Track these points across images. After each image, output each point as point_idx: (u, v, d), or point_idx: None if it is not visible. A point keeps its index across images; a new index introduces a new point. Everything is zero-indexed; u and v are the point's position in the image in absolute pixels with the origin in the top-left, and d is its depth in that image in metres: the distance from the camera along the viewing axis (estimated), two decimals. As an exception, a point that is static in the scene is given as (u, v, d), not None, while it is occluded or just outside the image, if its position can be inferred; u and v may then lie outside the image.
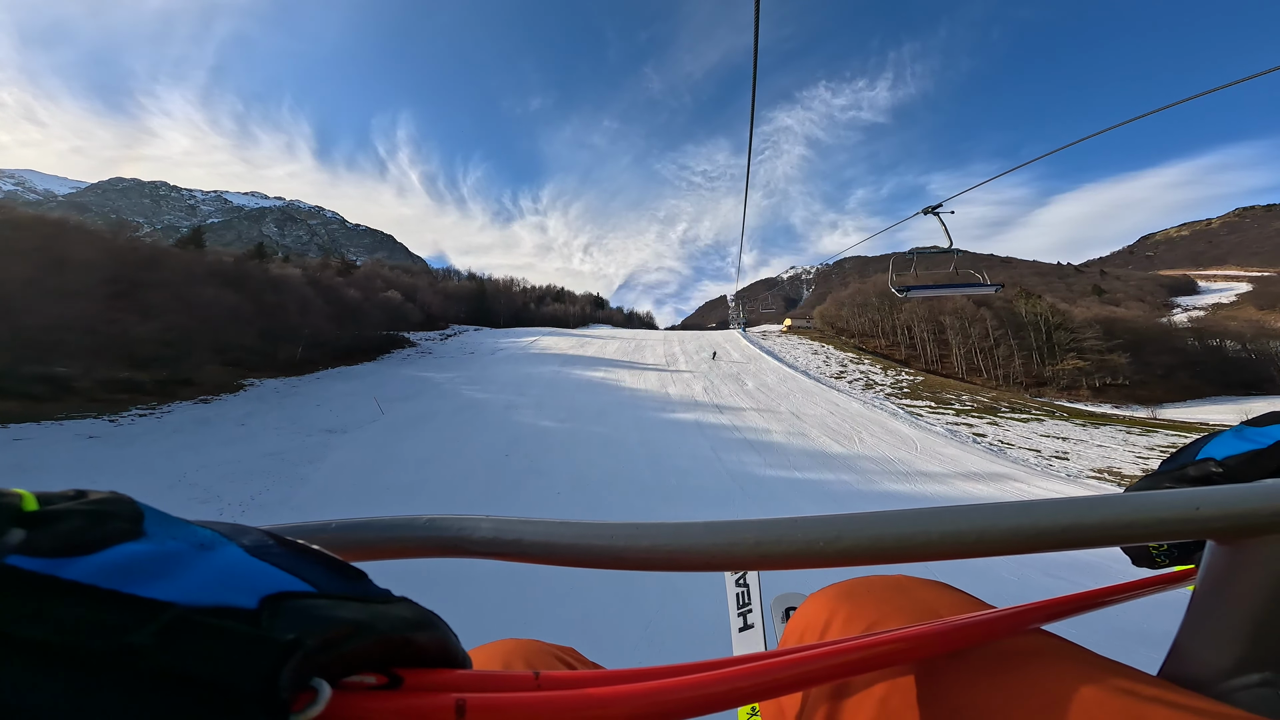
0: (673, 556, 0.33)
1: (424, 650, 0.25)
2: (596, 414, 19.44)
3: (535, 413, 19.45)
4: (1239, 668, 0.35)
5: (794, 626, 0.59)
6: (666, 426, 17.72)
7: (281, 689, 0.16)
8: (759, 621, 1.24)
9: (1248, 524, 0.33)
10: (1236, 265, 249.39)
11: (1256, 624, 0.34)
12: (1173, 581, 0.53)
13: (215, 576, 0.18)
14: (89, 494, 0.19)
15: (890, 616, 0.48)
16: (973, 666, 0.37)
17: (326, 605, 0.21)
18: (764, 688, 0.31)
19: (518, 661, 0.53)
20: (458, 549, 0.36)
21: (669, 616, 4.31)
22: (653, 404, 21.90)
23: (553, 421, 18.04)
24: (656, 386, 25.54)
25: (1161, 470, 0.52)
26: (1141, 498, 0.33)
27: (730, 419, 19.73)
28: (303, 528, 0.34)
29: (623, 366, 31.17)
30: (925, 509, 0.33)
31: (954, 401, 26.83)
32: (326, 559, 0.24)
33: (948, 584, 0.53)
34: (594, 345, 40.35)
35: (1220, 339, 57.49)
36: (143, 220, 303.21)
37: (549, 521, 0.35)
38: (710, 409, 21.32)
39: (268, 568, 0.21)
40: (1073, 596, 0.47)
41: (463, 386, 23.93)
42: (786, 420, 20.06)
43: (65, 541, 0.16)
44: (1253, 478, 0.43)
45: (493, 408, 19.87)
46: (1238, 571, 0.35)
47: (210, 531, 0.21)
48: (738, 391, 24.74)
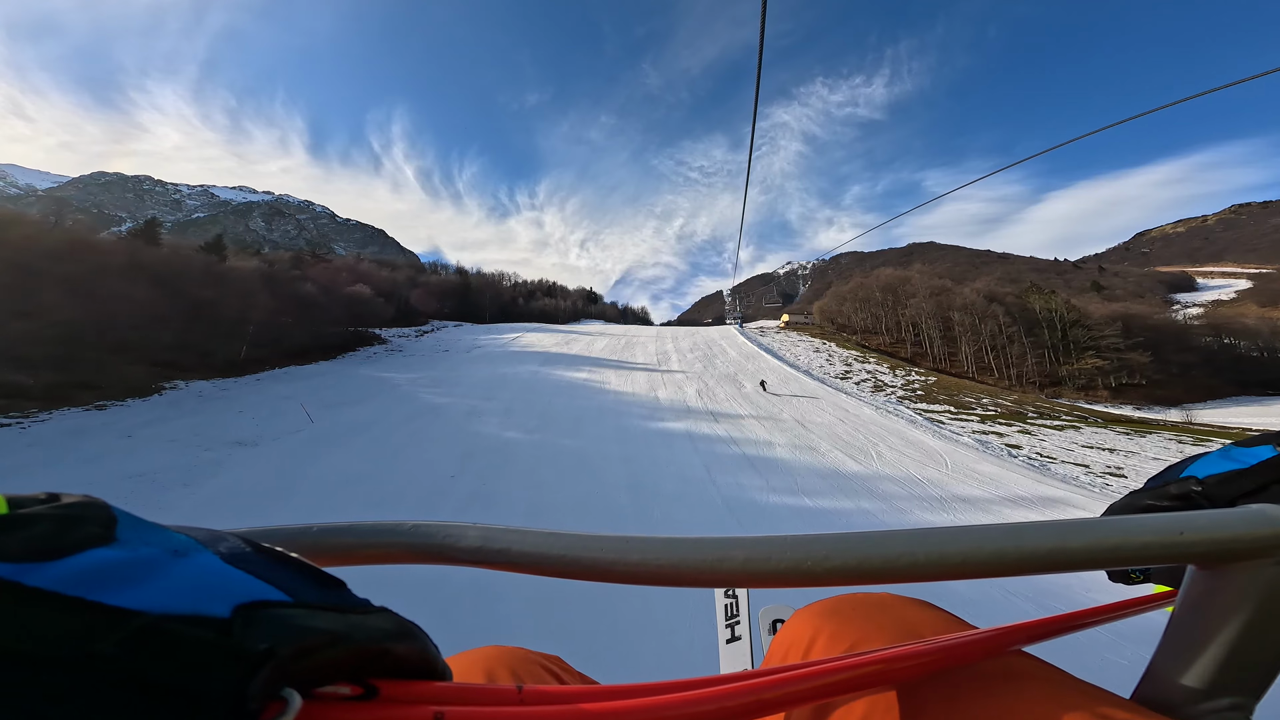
0: (661, 571, 0.33)
1: (402, 661, 0.24)
2: (573, 423, 16.67)
3: (501, 421, 16.63)
4: (1210, 692, 0.35)
5: (779, 642, 0.59)
6: (653, 438, 14.98)
7: (250, 698, 0.16)
8: (746, 634, 1.28)
9: (1229, 549, 0.33)
10: (1234, 262, 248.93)
11: (1230, 648, 0.35)
12: (1152, 603, 0.52)
13: (188, 584, 0.18)
14: (61, 497, 0.19)
15: (873, 635, 0.49)
16: (953, 687, 0.38)
17: (302, 614, 0.20)
18: (751, 707, 0.31)
19: (501, 670, 0.51)
20: (442, 556, 0.35)
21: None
22: (639, 410, 19.09)
23: (520, 432, 15.28)
24: (645, 389, 22.69)
25: (1145, 488, 0.52)
26: (1127, 522, 0.33)
27: (727, 428, 16.95)
28: (281, 531, 0.34)
29: (609, 366, 28.34)
30: (913, 530, 0.33)
31: (974, 405, 24.21)
32: (304, 567, 0.24)
33: (930, 603, 0.54)
34: (581, 342, 37.50)
35: (1233, 337, 55.31)
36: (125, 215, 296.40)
37: (538, 532, 0.35)
38: (704, 416, 18.51)
39: (243, 575, 0.20)
40: (1054, 618, 0.47)
41: (423, 389, 21.07)
42: (791, 430, 17.32)
43: (33, 546, 0.16)
44: (1229, 497, 0.44)
45: (452, 414, 17.07)
46: (1216, 596, 0.35)
47: (186, 538, 0.20)
48: (735, 395, 21.94)
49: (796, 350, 38.50)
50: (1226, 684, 0.35)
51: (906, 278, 52.39)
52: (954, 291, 48.59)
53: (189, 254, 30.89)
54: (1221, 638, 0.35)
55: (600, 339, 40.01)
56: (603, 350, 33.83)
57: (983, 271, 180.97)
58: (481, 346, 34.73)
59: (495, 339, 38.95)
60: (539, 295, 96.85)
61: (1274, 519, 0.33)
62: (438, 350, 33.32)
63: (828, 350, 39.31)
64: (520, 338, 39.46)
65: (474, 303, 66.10)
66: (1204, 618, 0.36)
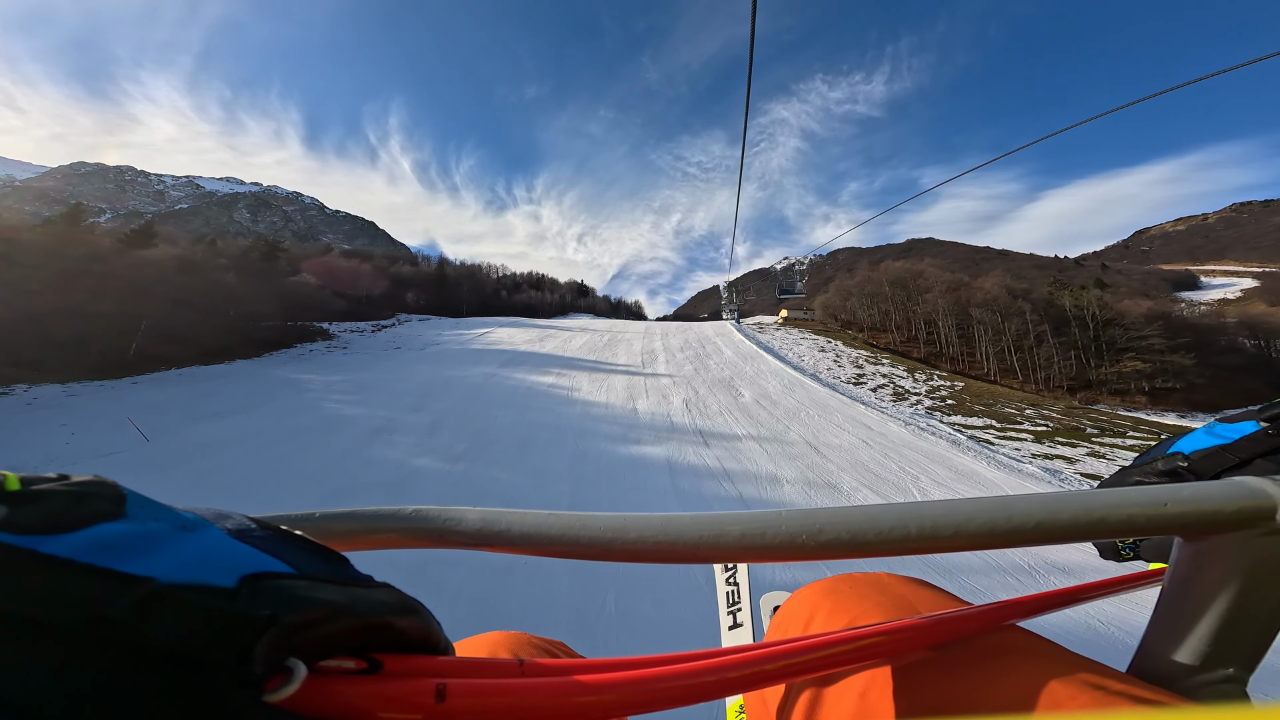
0: (659, 548, 0.34)
1: (405, 636, 0.25)
2: (516, 447, 12.37)
3: (417, 442, 12.29)
4: (1205, 664, 0.36)
5: (779, 620, 0.60)
6: (621, 472, 10.66)
7: (255, 664, 0.17)
8: (748, 620, 1.30)
9: (1213, 521, 0.33)
10: (1236, 260, 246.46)
11: (1221, 620, 0.35)
12: (1145, 579, 0.53)
13: (195, 556, 0.19)
14: (71, 477, 0.19)
15: (871, 612, 0.50)
16: (950, 661, 0.39)
17: (305, 586, 0.21)
18: (751, 679, 0.31)
19: (503, 652, 0.52)
20: (444, 539, 0.36)
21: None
22: (609, 428, 14.76)
23: (438, 459, 11.00)
24: (622, 399, 18.33)
25: (1133, 465, 0.53)
26: (1112, 494, 0.34)
27: (719, 456, 12.62)
28: (284, 517, 0.35)
29: (583, 368, 23.96)
30: (905, 504, 0.34)
31: (1018, 417, 20.01)
32: (308, 543, 0.24)
33: (927, 581, 0.55)
34: (557, 339, 33.11)
35: (1264, 337, 51.54)
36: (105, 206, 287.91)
37: (536, 513, 0.36)
38: (691, 437, 14.18)
39: (248, 549, 0.21)
40: (1048, 594, 0.48)
41: (335, 396, 16.73)
42: (802, 457, 12.99)
43: (47, 520, 0.16)
44: (1215, 472, 0.44)
45: (353, 431, 12.74)
46: (1204, 568, 0.36)
47: (192, 515, 0.21)
48: (730, 406, 17.59)
49: (800, 349, 34.13)
50: (1219, 656, 0.35)
51: (918, 271, 47.95)
52: (973, 286, 44.45)
53: (89, 239, 26.36)
54: (1211, 610, 0.35)
55: (580, 335, 35.65)
56: (579, 349, 29.46)
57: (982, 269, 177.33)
58: (441, 343, 30.35)
59: (460, 335, 34.58)
60: (525, 288, 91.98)
61: (1257, 490, 0.33)
62: (389, 347, 28.94)
63: (834, 349, 35.00)
64: (489, 334, 35.08)
65: (452, 295, 61.45)
66: (1193, 590, 0.36)
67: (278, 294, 30.05)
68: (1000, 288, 44.22)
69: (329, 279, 37.70)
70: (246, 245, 43.02)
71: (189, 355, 22.49)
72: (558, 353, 27.63)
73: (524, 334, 35.09)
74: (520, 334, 35.07)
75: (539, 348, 29.11)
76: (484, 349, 28.14)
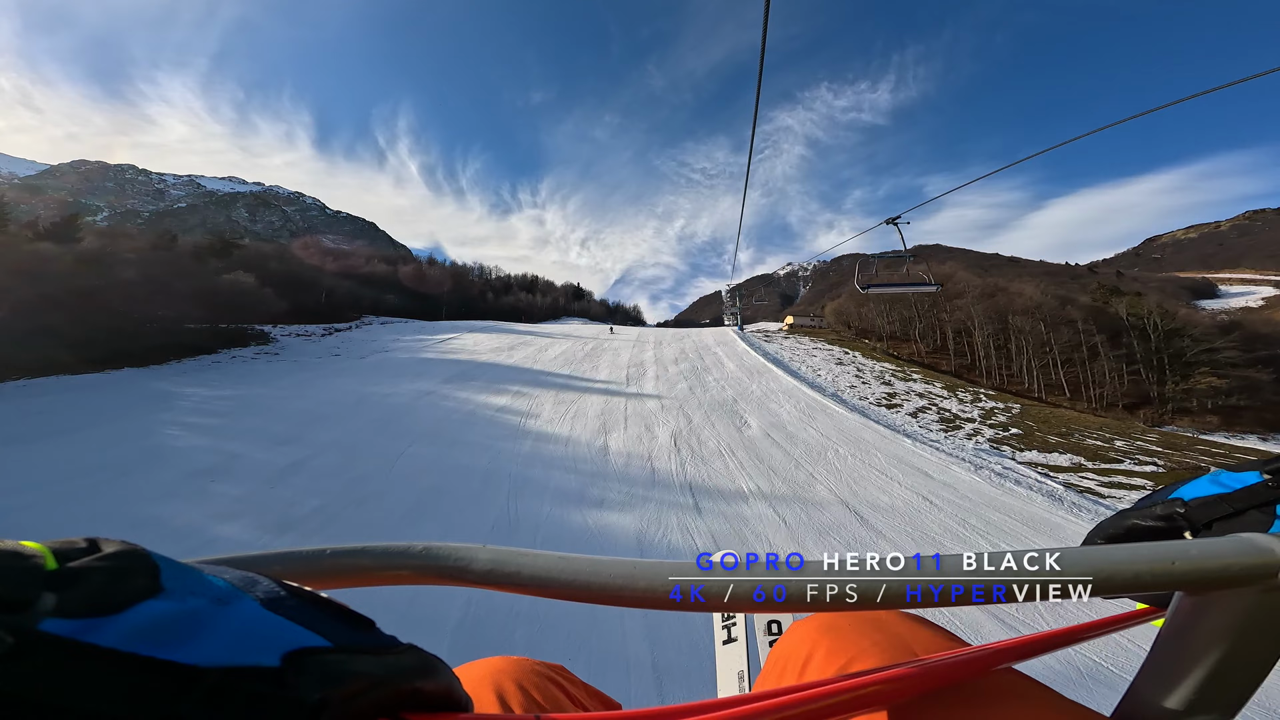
0: (662, 599, 0.34)
1: (429, 696, 0.25)
2: (409, 508, 7.75)
3: (250, 493, 7.77)
4: (1188, 712, 0.36)
5: (776, 657, 0.62)
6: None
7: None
8: (742, 635, 1.29)
9: (1220, 578, 0.34)
10: (1251, 268, 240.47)
11: (1212, 670, 0.36)
12: (1135, 619, 0.53)
13: (237, 635, 0.19)
14: (100, 544, 0.19)
15: (869, 652, 0.51)
16: (946, 703, 0.40)
17: (343, 660, 0.21)
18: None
19: (506, 682, 0.53)
20: (454, 578, 0.36)
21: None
22: (563, 478, 9.93)
23: (258, 528, 6.64)
24: (591, 431, 13.57)
25: (1134, 507, 0.54)
26: (1121, 551, 0.34)
27: (716, 531, 7.79)
28: (296, 554, 0.35)
29: (551, 385, 19.23)
30: (909, 557, 0.34)
31: (1110, 452, 15.26)
32: (337, 609, 0.24)
33: (924, 618, 0.57)
34: (531, 347, 28.49)
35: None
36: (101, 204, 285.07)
37: (547, 555, 0.36)
38: (677, 495, 9.30)
39: (285, 623, 0.21)
40: (1044, 634, 0.49)
41: (189, 419, 12.19)
42: (839, 530, 8.13)
43: (90, 602, 0.16)
44: (1208, 520, 0.45)
45: (163, 474, 8.27)
46: (1202, 621, 0.36)
47: (225, 583, 0.21)
48: (733, 443, 12.75)
49: (814, 362, 29.12)
50: (1205, 704, 0.36)
51: (948, 274, 43.25)
52: (1011, 292, 39.70)
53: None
54: (1204, 660, 0.36)
55: (560, 342, 31.02)
56: (554, 360, 24.81)
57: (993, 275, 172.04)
58: (390, 351, 25.83)
59: (422, 340, 30.08)
60: (515, 290, 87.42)
61: (1261, 548, 0.33)
62: (327, 354, 24.45)
63: (853, 362, 30.05)
64: (455, 339, 30.55)
65: (430, 296, 56.91)
66: (1189, 641, 0.37)
67: (209, 292, 25.78)
68: (1045, 294, 39.64)
69: (274, 277, 33.23)
70: (191, 240, 38.55)
71: (72, 362, 18.28)
72: (525, 364, 23.02)
73: (493, 340, 30.51)
74: (489, 340, 30.49)
75: (505, 358, 24.51)
76: (436, 358, 23.56)
